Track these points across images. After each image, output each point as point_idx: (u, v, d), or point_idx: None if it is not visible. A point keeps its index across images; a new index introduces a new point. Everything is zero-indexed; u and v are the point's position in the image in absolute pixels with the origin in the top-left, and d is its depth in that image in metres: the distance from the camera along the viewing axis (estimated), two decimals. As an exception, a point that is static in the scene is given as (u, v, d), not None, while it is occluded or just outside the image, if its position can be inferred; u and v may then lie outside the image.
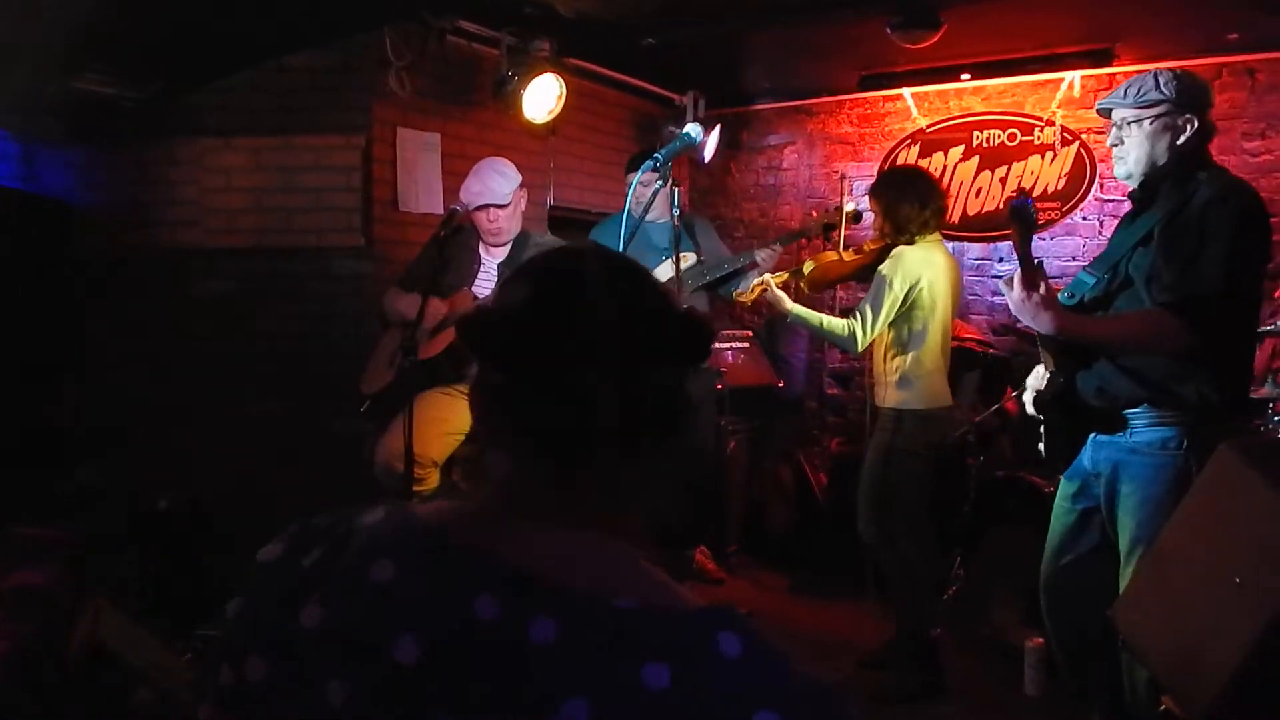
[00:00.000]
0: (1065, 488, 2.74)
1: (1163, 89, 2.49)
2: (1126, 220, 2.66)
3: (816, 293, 4.11)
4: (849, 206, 4.05)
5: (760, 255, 4.20)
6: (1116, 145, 2.59)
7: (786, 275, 3.83)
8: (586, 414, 0.90)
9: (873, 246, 3.79)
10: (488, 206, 3.79)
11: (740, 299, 4.06)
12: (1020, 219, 2.44)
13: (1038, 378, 2.74)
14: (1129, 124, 2.54)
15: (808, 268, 3.89)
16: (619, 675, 0.79)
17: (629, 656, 0.80)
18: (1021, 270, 2.44)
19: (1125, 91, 2.55)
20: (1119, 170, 2.62)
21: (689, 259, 4.33)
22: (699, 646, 0.81)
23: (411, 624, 0.82)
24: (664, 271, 4.38)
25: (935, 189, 3.69)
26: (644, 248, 4.18)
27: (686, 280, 4.31)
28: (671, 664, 0.79)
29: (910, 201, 3.57)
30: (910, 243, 3.58)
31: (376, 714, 0.81)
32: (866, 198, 3.81)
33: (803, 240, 4.70)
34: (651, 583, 0.89)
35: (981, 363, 4.59)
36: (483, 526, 0.91)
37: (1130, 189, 2.64)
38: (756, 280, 3.82)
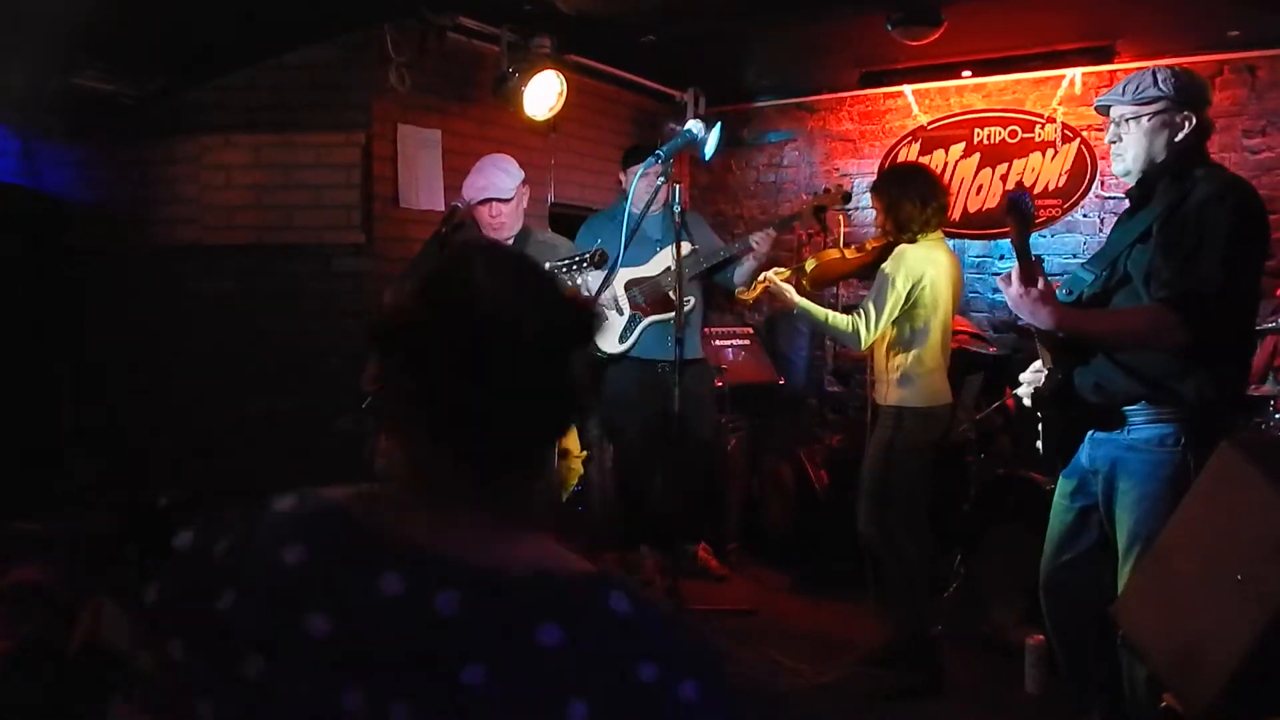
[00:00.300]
0: (1064, 485, 2.74)
1: (1161, 86, 2.49)
2: (1124, 217, 2.66)
3: (818, 290, 4.13)
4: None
5: (755, 239, 4.23)
6: (1115, 142, 2.60)
7: (789, 272, 3.83)
8: (492, 399, 0.95)
9: (875, 244, 3.80)
10: (490, 201, 3.80)
11: (742, 296, 4.06)
12: (1017, 213, 2.44)
13: (1033, 373, 2.74)
14: (1127, 121, 2.55)
15: (809, 265, 3.89)
16: (515, 638, 0.85)
17: (524, 620, 0.86)
18: (1019, 265, 2.44)
19: (1124, 89, 2.56)
20: (1117, 167, 2.63)
21: (685, 248, 4.36)
22: (589, 606, 0.89)
23: (323, 602, 0.87)
24: (661, 261, 4.40)
25: (937, 187, 3.69)
26: (639, 240, 4.18)
27: (685, 269, 4.33)
28: (563, 623, 0.86)
29: (912, 199, 3.57)
30: (913, 241, 3.58)
31: (291, 685, 0.86)
32: (868, 194, 3.83)
33: (797, 226, 4.73)
34: (548, 554, 0.94)
35: (983, 364, 4.58)
36: (390, 510, 0.96)
37: (1128, 186, 2.64)
38: (760, 279, 3.82)
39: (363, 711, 0.84)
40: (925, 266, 3.53)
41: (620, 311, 4.46)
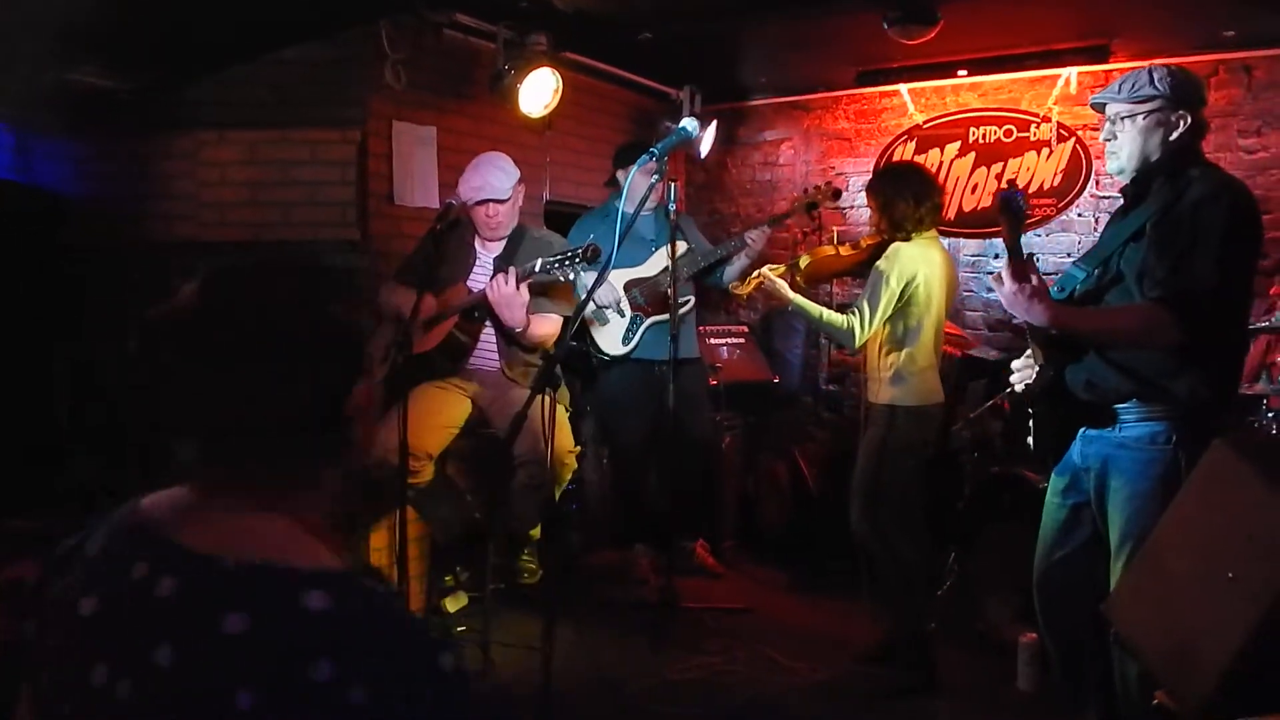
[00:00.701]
0: (1056, 483, 2.74)
1: (1156, 85, 2.50)
2: (1118, 215, 2.67)
3: (812, 286, 4.14)
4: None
5: (750, 236, 4.28)
6: (1110, 140, 2.60)
7: (783, 268, 3.84)
8: (247, 402, 1.02)
9: (869, 242, 3.81)
10: (487, 202, 3.80)
11: (736, 291, 4.08)
12: (1009, 210, 2.44)
13: (1025, 358, 2.74)
14: (1122, 119, 2.55)
15: (804, 262, 3.91)
16: (203, 622, 0.92)
17: (217, 606, 0.92)
18: (1011, 262, 2.44)
19: (1119, 87, 2.56)
20: (1111, 165, 2.63)
21: (680, 248, 4.39)
22: (281, 599, 0.93)
23: (94, 586, 1.00)
24: (658, 262, 4.41)
25: (931, 186, 3.69)
26: (632, 240, 4.19)
27: (682, 268, 4.36)
28: (251, 613, 0.92)
29: (905, 198, 3.58)
30: (907, 239, 3.59)
31: (67, 660, 0.98)
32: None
33: (792, 224, 4.76)
34: (276, 546, 0.99)
35: (986, 370, 4.56)
36: (166, 508, 1.06)
37: (1122, 184, 2.65)
38: (754, 274, 3.84)
39: (102, 685, 0.94)
40: (919, 265, 3.54)
41: (622, 313, 4.46)
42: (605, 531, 5.08)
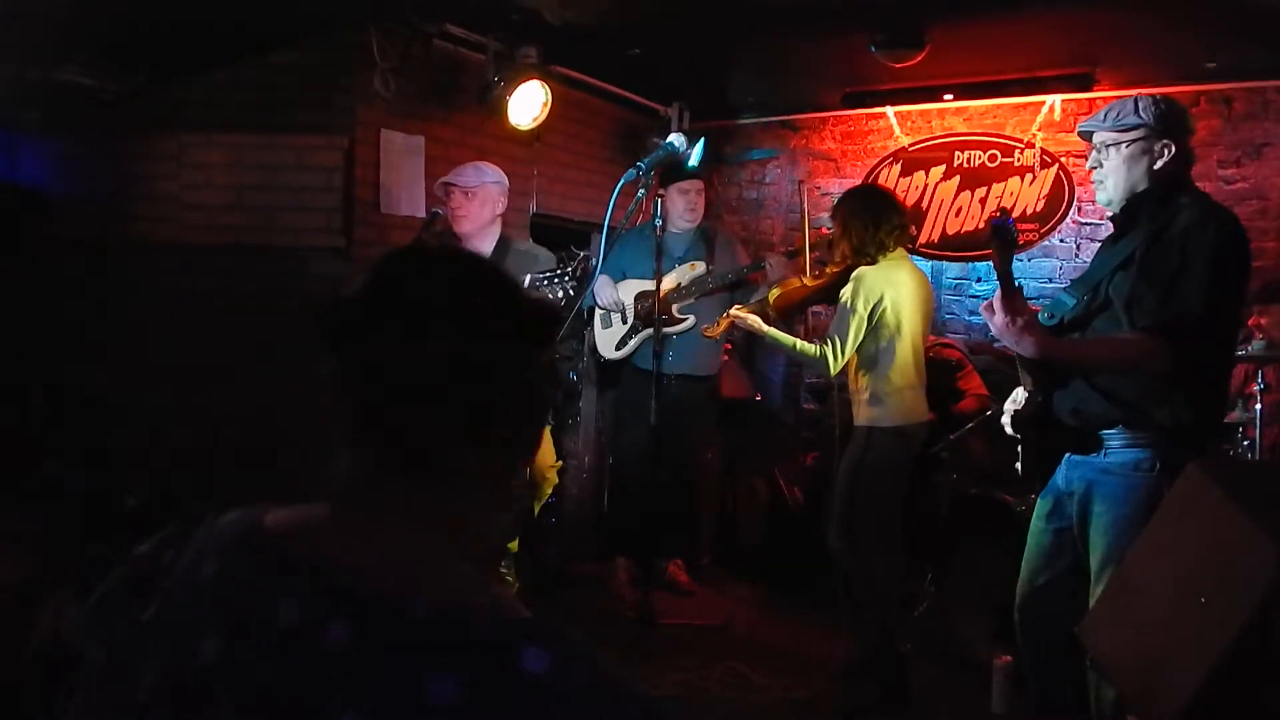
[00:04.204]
0: (1041, 507, 2.74)
1: (1141, 114, 2.51)
2: (1108, 243, 2.67)
3: (787, 319, 4.14)
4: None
5: (771, 262, 4.30)
6: (1096, 168, 2.61)
7: (754, 305, 3.90)
8: (416, 398, 0.88)
9: (834, 270, 3.81)
10: (449, 186, 3.81)
11: (707, 334, 4.12)
12: (1000, 238, 2.44)
13: (1015, 400, 2.76)
14: (1107, 147, 2.56)
15: (773, 295, 3.94)
16: (401, 686, 0.76)
17: (415, 665, 0.76)
18: (1002, 292, 2.44)
19: (1105, 115, 2.58)
20: (1100, 196, 2.63)
21: (699, 267, 4.54)
22: (498, 660, 0.77)
23: (217, 622, 0.82)
24: (674, 277, 4.48)
25: (890, 208, 3.68)
26: (661, 254, 4.23)
27: (691, 287, 4.50)
28: (462, 677, 0.76)
29: (863, 222, 3.59)
30: (872, 262, 3.59)
31: (174, 707, 0.81)
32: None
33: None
34: (467, 588, 0.84)
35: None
36: (312, 529, 0.89)
37: (1110, 213, 2.66)
38: (723, 315, 3.90)
39: None
40: (883, 287, 3.54)
41: (625, 320, 4.53)
42: (585, 544, 5.07)
